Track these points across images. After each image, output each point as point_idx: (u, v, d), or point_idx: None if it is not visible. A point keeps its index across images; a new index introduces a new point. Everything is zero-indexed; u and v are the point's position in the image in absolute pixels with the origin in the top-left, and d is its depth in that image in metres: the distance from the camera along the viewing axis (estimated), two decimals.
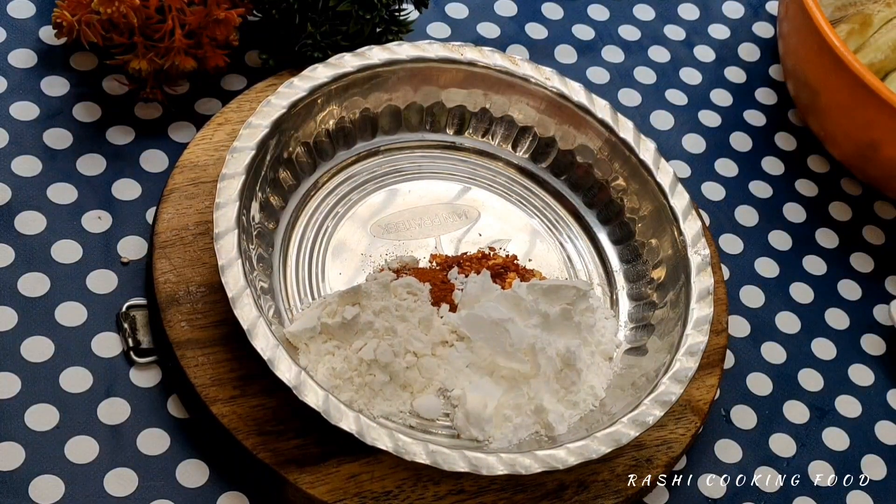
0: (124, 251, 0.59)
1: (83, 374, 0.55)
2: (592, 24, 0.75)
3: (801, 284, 0.66)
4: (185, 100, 0.65)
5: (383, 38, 0.66)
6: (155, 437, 0.54)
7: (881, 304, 0.67)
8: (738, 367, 0.63)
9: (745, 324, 0.64)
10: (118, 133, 0.63)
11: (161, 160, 0.62)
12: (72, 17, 0.60)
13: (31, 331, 0.55)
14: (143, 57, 0.61)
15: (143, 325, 0.56)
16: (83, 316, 0.56)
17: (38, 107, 0.63)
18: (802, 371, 0.63)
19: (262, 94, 0.63)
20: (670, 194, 0.61)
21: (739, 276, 0.66)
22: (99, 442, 0.53)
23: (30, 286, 0.57)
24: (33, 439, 0.52)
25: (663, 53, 0.75)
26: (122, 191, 0.61)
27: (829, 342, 0.65)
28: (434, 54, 0.63)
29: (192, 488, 0.53)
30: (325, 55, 0.63)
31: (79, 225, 0.59)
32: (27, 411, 0.53)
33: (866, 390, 0.63)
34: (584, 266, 0.62)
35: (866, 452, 0.61)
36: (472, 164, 0.65)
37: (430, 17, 0.73)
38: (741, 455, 0.60)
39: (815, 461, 0.60)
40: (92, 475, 0.52)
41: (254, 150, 0.57)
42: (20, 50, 0.65)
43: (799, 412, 0.62)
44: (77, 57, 0.65)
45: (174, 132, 0.64)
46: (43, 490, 0.51)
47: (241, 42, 0.66)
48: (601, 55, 0.74)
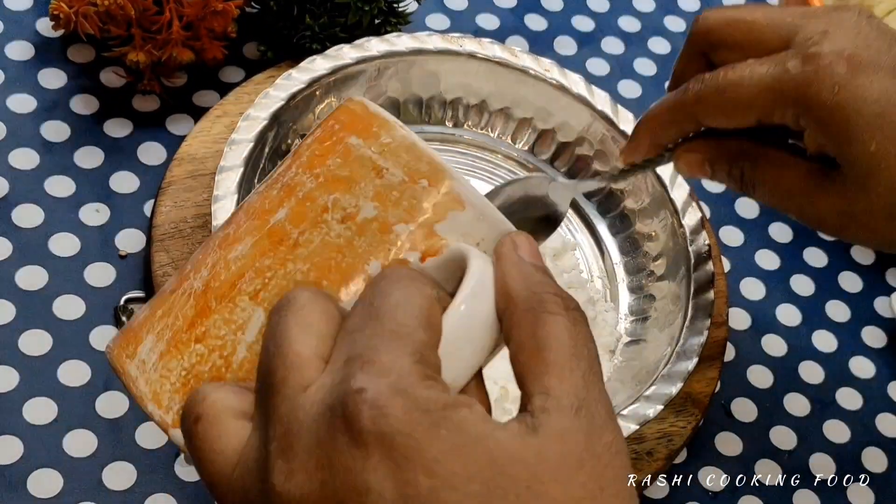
0: (122, 244, 0.59)
1: (81, 367, 0.54)
2: (592, 16, 0.75)
3: (801, 277, 0.66)
4: (183, 92, 0.65)
5: (382, 29, 0.66)
6: (154, 431, 0.53)
7: (882, 296, 0.67)
8: (738, 360, 0.62)
9: (746, 316, 0.64)
10: (116, 126, 0.63)
11: (159, 153, 0.62)
12: (69, 8, 0.60)
13: (30, 324, 0.55)
14: (140, 49, 0.61)
15: None
16: (81, 309, 0.56)
17: (35, 99, 0.62)
18: (803, 363, 0.63)
19: (260, 86, 0.63)
20: (670, 186, 0.61)
21: (740, 268, 0.66)
22: (97, 435, 0.53)
23: (28, 279, 0.56)
24: (32, 433, 0.52)
25: (664, 45, 0.75)
26: (119, 183, 0.61)
27: (830, 334, 0.65)
28: (433, 46, 0.62)
29: (191, 482, 0.53)
30: (324, 47, 0.63)
31: (76, 218, 0.59)
32: (25, 405, 0.53)
33: (867, 383, 0.63)
34: (583, 258, 0.62)
35: (867, 445, 0.61)
36: (471, 156, 0.64)
37: (429, 8, 0.72)
38: (742, 448, 0.59)
39: (815, 454, 0.60)
40: (91, 469, 0.52)
41: (252, 142, 0.56)
42: (17, 42, 0.64)
43: (800, 405, 0.62)
44: (74, 49, 0.65)
45: (172, 125, 0.63)
46: (41, 483, 0.51)
47: (239, 34, 0.66)
48: (601, 47, 0.74)
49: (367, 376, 0.30)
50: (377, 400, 0.29)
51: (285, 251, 0.36)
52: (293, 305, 0.33)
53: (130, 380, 0.37)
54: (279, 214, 0.37)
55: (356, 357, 0.31)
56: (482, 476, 0.29)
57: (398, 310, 0.32)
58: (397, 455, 0.29)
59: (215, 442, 0.32)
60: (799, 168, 0.48)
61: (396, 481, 0.29)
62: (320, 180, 0.37)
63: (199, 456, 0.32)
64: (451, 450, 0.29)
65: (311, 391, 0.31)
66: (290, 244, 0.36)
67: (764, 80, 0.46)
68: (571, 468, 0.29)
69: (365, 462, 0.29)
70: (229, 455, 0.32)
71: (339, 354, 0.31)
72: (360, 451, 0.29)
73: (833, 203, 0.47)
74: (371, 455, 0.29)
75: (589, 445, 0.30)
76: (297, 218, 0.37)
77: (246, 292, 0.36)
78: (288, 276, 0.36)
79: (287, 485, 0.30)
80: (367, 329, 0.31)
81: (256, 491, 0.31)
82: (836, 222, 0.47)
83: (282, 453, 0.30)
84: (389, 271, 0.33)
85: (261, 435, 0.31)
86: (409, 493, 0.29)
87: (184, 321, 0.37)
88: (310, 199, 0.37)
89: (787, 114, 0.46)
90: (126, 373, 0.37)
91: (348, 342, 0.31)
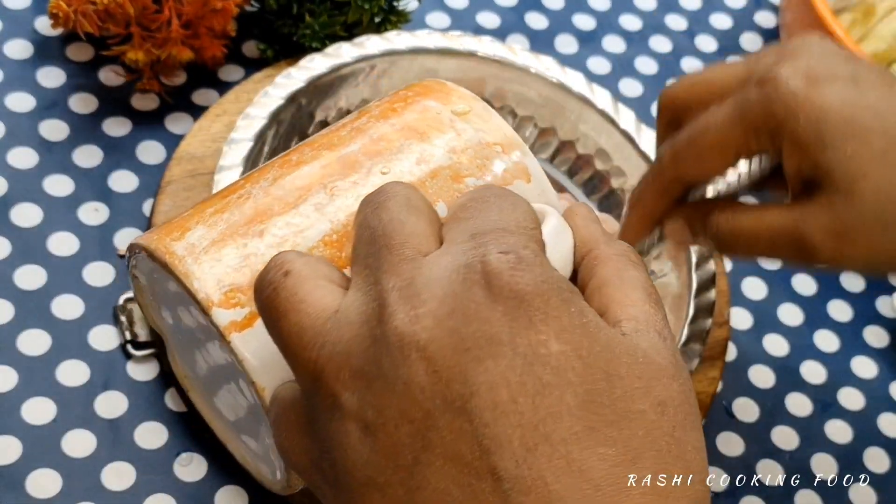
0: (121, 244, 0.59)
1: (80, 367, 0.54)
2: (593, 14, 0.75)
3: (803, 276, 0.66)
4: (182, 91, 0.64)
5: (382, 27, 0.66)
6: (153, 431, 0.53)
7: (884, 295, 0.66)
8: (739, 360, 0.62)
9: (748, 316, 0.64)
10: (115, 124, 0.62)
11: (158, 152, 0.62)
12: (68, 7, 0.60)
13: (28, 324, 0.55)
14: (139, 47, 0.61)
15: (140, 317, 0.55)
16: (80, 309, 0.56)
17: (33, 98, 0.62)
18: (805, 363, 0.63)
19: (259, 85, 0.62)
20: None
21: (741, 267, 0.66)
22: (96, 436, 0.53)
23: (26, 279, 0.56)
24: (30, 433, 0.52)
25: (665, 43, 0.75)
26: (118, 183, 0.60)
27: (831, 334, 0.64)
28: (433, 44, 0.62)
29: (190, 482, 0.52)
30: (323, 45, 0.63)
31: (75, 217, 0.59)
32: (24, 405, 0.53)
33: (869, 383, 0.63)
34: None
35: (869, 445, 0.61)
36: None
37: (430, 6, 0.72)
38: (743, 448, 0.59)
39: (817, 454, 0.60)
40: (89, 469, 0.52)
41: (251, 141, 0.56)
42: (16, 40, 0.64)
43: (801, 405, 0.61)
44: (73, 47, 0.64)
45: (171, 123, 0.63)
46: (40, 484, 0.51)
47: (239, 32, 0.66)
48: (602, 45, 0.74)
49: (503, 247, 0.31)
50: (516, 265, 0.30)
51: (357, 177, 0.37)
52: (395, 192, 0.33)
53: (177, 258, 0.36)
54: (352, 147, 0.38)
55: (484, 233, 0.31)
56: (601, 358, 0.30)
57: (515, 209, 0.33)
58: (531, 316, 0.30)
59: (307, 297, 0.32)
60: (779, 205, 0.47)
61: (530, 339, 0.30)
62: (396, 128, 0.38)
63: (284, 308, 0.32)
64: (577, 326, 0.30)
65: (435, 255, 0.31)
66: (362, 172, 0.37)
67: (728, 116, 0.46)
68: (669, 376, 0.31)
69: (500, 316, 0.30)
70: (322, 309, 0.31)
71: (460, 234, 0.32)
72: (496, 305, 0.30)
73: (822, 223, 0.45)
74: (506, 311, 0.30)
75: (676, 363, 0.32)
76: (371, 152, 0.37)
77: (311, 202, 0.36)
78: (357, 198, 0.36)
79: (413, 327, 0.30)
80: (487, 215, 0.32)
81: (360, 340, 0.30)
82: (830, 246, 0.46)
83: (407, 300, 0.30)
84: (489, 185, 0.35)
85: (373, 288, 0.31)
86: (540, 352, 0.29)
87: (242, 217, 0.37)
88: (385, 139, 0.38)
89: (762, 141, 0.46)
90: (171, 252, 0.36)
91: (467, 226, 0.32)
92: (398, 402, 0.29)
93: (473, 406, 0.29)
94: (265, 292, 0.32)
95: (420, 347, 0.29)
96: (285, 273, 0.32)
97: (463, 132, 0.37)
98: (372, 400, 0.30)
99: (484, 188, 0.34)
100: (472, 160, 0.37)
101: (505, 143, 0.37)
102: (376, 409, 0.30)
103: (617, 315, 0.32)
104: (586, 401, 0.29)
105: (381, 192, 0.33)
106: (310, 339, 0.31)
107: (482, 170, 0.37)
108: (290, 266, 0.32)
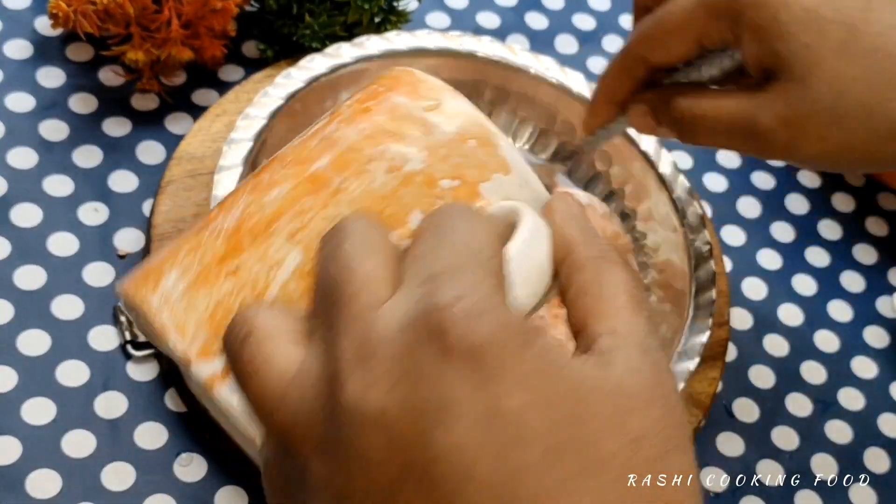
0: (121, 244, 0.58)
1: (80, 367, 0.54)
2: (593, 14, 0.75)
3: (803, 276, 0.66)
4: (182, 91, 0.64)
5: (382, 27, 0.66)
6: (153, 431, 0.53)
7: (885, 296, 0.66)
8: (740, 360, 0.62)
9: (748, 316, 0.64)
10: (114, 124, 0.62)
11: (158, 152, 0.62)
12: (68, 7, 0.60)
13: (28, 324, 0.55)
14: (139, 47, 0.61)
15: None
16: (80, 309, 0.56)
17: (33, 98, 0.62)
18: (805, 363, 0.63)
19: (259, 85, 0.62)
20: (671, 184, 0.60)
21: (741, 267, 0.66)
22: (96, 436, 0.52)
23: (26, 279, 0.56)
24: (30, 433, 0.52)
25: None
26: (118, 183, 0.60)
27: (832, 334, 0.64)
28: (433, 44, 0.62)
29: (190, 482, 0.52)
30: (323, 45, 0.63)
31: (75, 217, 0.59)
32: (24, 405, 0.53)
33: (869, 383, 0.63)
34: None
35: (869, 445, 0.61)
36: None
37: (430, 6, 0.72)
38: (743, 448, 0.59)
39: (817, 454, 0.60)
40: (89, 469, 0.52)
41: (251, 141, 0.56)
42: (15, 40, 0.64)
43: (802, 405, 0.61)
44: (73, 48, 0.64)
45: (171, 123, 0.63)
46: (40, 485, 0.51)
47: (239, 32, 0.65)
48: (602, 45, 0.74)
49: (454, 292, 0.29)
50: (468, 314, 0.29)
51: (326, 196, 0.36)
52: (352, 230, 0.32)
53: (152, 311, 0.35)
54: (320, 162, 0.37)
55: (436, 276, 0.30)
56: (566, 402, 0.29)
57: (472, 236, 0.31)
58: (487, 370, 0.28)
59: (268, 359, 0.31)
60: (738, 91, 0.48)
61: (488, 394, 0.28)
62: (366, 133, 0.37)
63: (246, 372, 0.31)
64: (537, 372, 0.29)
65: (387, 307, 0.30)
66: (331, 190, 0.36)
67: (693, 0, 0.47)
68: (646, 402, 0.30)
69: (454, 374, 0.28)
70: (282, 373, 0.31)
71: (413, 276, 0.31)
72: (448, 363, 0.28)
73: (775, 110, 0.46)
74: (460, 368, 0.28)
75: (659, 384, 0.30)
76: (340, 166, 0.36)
77: (283, 232, 0.36)
78: (328, 219, 0.35)
79: (365, 397, 0.29)
80: (441, 251, 0.31)
81: (318, 409, 0.30)
82: (783, 134, 0.46)
83: (360, 364, 0.29)
84: (449, 206, 0.33)
85: (326, 351, 0.30)
86: (500, 407, 0.28)
87: (213, 257, 0.36)
88: (354, 149, 0.37)
89: (722, 27, 0.47)
90: (147, 303, 0.36)
91: (421, 265, 0.31)
92: (363, 472, 0.29)
93: (438, 473, 0.28)
94: (230, 355, 0.32)
95: (374, 418, 0.29)
96: (246, 335, 0.32)
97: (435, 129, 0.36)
98: (338, 469, 0.29)
99: (442, 211, 0.33)
100: (445, 160, 0.36)
101: (480, 137, 0.36)
102: (345, 478, 0.29)
103: (595, 330, 0.31)
104: (554, 451, 0.28)
105: (337, 231, 0.32)
106: (274, 406, 0.31)
107: (457, 169, 0.36)
108: (250, 325, 0.32)
